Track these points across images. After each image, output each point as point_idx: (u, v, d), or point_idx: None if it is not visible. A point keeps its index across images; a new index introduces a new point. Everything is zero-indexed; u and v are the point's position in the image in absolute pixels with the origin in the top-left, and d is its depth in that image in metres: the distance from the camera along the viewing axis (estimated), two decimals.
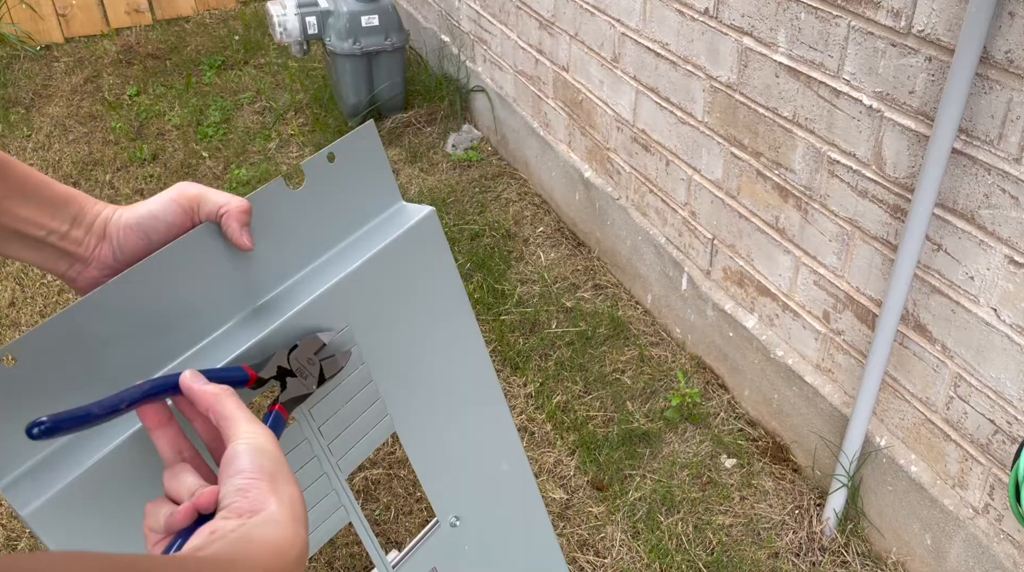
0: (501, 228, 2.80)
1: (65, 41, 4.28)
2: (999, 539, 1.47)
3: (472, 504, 1.06)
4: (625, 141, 2.35)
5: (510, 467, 1.10)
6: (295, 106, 3.61)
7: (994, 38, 1.24)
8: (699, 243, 2.13)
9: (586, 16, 2.36)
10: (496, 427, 1.07)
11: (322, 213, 0.82)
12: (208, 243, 0.73)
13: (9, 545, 1.85)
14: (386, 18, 3.23)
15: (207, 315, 0.74)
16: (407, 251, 0.88)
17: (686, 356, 2.26)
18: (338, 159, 0.81)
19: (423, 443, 0.98)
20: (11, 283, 2.67)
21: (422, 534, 1.02)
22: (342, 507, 0.88)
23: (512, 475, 1.11)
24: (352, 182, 0.84)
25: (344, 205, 0.84)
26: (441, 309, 0.94)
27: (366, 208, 0.87)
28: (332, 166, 0.81)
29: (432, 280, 0.93)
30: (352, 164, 0.83)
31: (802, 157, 1.69)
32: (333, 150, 0.80)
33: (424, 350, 0.94)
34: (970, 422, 1.48)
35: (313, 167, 0.80)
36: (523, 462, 1.12)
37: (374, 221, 0.88)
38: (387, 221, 0.88)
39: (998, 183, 1.30)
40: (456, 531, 1.04)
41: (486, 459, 1.07)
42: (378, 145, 0.85)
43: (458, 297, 0.96)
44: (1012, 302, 1.33)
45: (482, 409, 1.04)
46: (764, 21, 1.69)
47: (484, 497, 1.08)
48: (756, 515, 1.84)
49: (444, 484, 1.02)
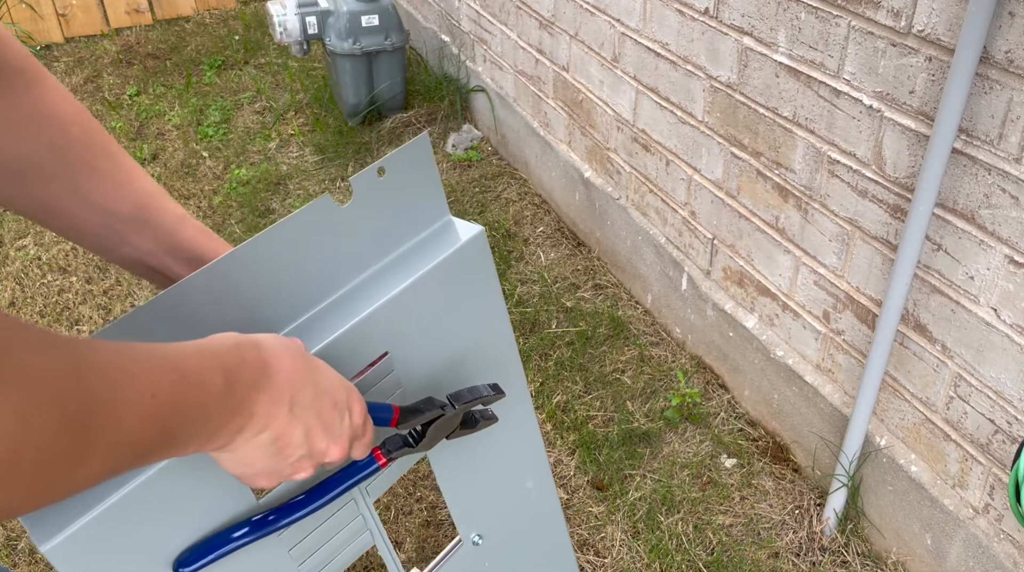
0: (501, 228, 2.80)
1: (65, 41, 4.28)
2: (999, 539, 1.47)
3: (495, 522, 1.04)
4: (625, 141, 2.35)
5: (535, 485, 1.08)
6: (295, 106, 3.61)
7: (994, 38, 1.24)
8: (699, 243, 2.13)
9: (586, 16, 2.36)
10: (525, 446, 1.05)
11: (370, 228, 0.79)
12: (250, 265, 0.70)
13: (9, 545, 1.85)
14: (386, 18, 3.23)
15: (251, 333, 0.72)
16: (455, 272, 0.85)
17: (686, 356, 2.26)
18: (389, 172, 0.78)
19: (453, 465, 0.95)
20: (11, 283, 2.67)
21: (444, 553, 0.99)
22: (367, 531, 0.87)
23: (536, 493, 1.09)
24: (402, 196, 0.80)
25: (393, 220, 0.81)
26: (483, 330, 0.91)
27: (415, 222, 0.83)
28: (381, 180, 0.78)
29: (476, 301, 0.89)
30: (403, 177, 0.79)
31: (802, 157, 1.69)
32: (384, 164, 0.77)
33: (463, 372, 0.91)
34: (970, 422, 1.48)
35: (362, 182, 0.76)
36: (548, 479, 1.09)
37: (421, 234, 0.84)
38: (434, 237, 0.85)
39: (998, 183, 1.30)
40: (478, 549, 1.02)
41: (512, 477, 1.05)
42: (429, 157, 0.81)
43: (501, 317, 0.93)
44: (1012, 302, 1.33)
45: (513, 429, 1.01)
46: (764, 21, 1.69)
47: (507, 515, 1.06)
48: (756, 515, 1.84)
49: (469, 504, 0.99)
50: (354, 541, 0.85)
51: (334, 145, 3.29)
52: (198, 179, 3.17)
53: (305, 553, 0.80)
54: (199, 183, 3.14)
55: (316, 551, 0.81)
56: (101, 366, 0.45)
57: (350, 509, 0.84)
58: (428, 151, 0.81)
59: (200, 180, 3.16)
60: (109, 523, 0.63)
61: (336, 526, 0.83)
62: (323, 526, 0.81)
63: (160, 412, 0.49)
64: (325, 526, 0.81)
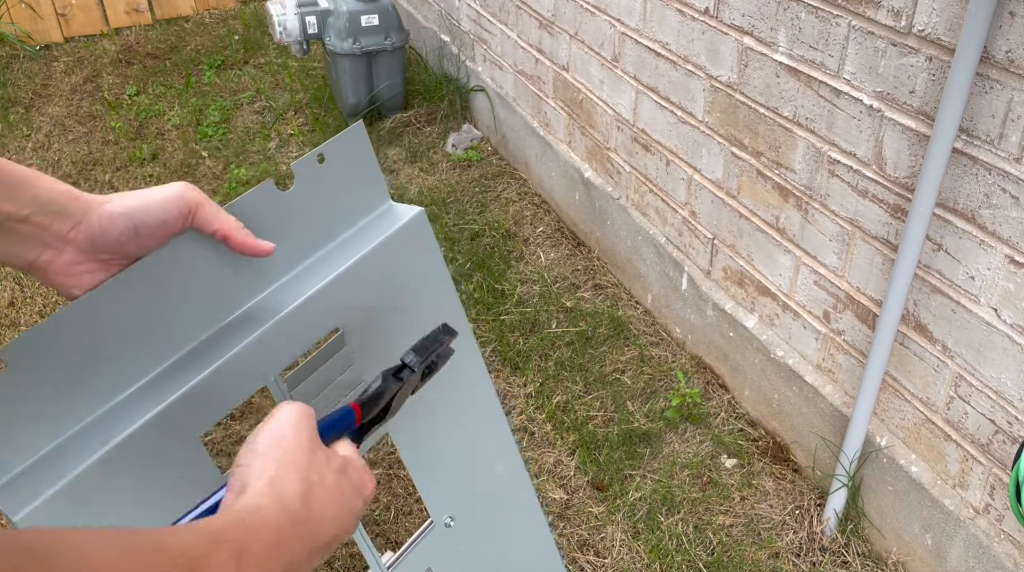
0: (501, 228, 2.79)
1: (65, 41, 4.28)
2: (1000, 539, 1.47)
3: (466, 505, 1.06)
4: (625, 141, 2.35)
5: (505, 469, 1.10)
6: (295, 106, 3.61)
7: (994, 38, 1.23)
8: (699, 243, 2.13)
9: (586, 16, 2.36)
10: (490, 429, 1.07)
11: (312, 214, 0.82)
12: (199, 247, 0.73)
13: None
14: (386, 18, 3.23)
15: (198, 318, 0.74)
16: (397, 251, 0.88)
17: (686, 356, 2.26)
18: (328, 160, 0.81)
19: (416, 444, 0.97)
20: (11, 283, 2.66)
21: (416, 535, 1.02)
22: None
23: (507, 477, 1.11)
24: (342, 182, 0.84)
25: (334, 206, 0.84)
26: (432, 310, 0.94)
27: (356, 208, 0.87)
28: (322, 167, 0.81)
29: (422, 280, 0.93)
30: (342, 164, 0.83)
31: (802, 157, 1.69)
32: (323, 151, 0.80)
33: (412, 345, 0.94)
34: (970, 422, 1.47)
35: (303, 168, 0.79)
36: (518, 464, 1.12)
37: (363, 221, 0.88)
38: (376, 221, 0.88)
39: (998, 183, 1.30)
40: (450, 532, 1.04)
41: (480, 461, 1.07)
42: (367, 145, 0.85)
43: (449, 298, 0.96)
44: (1012, 302, 1.33)
45: (476, 410, 1.04)
46: (764, 21, 1.69)
47: (478, 498, 1.08)
48: (756, 515, 1.84)
49: (438, 485, 1.02)
50: None
51: None
52: (198, 179, 3.17)
53: None
54: (199, 183, 3.14)
55: None
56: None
57: None
58: (365, 138, 0.85)
59: (200, 180, 3.16)
60: (78, 492, 0.65)
61: None
62: None
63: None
64: None
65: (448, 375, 0.98)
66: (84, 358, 0.67)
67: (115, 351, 0.69)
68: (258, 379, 0.78)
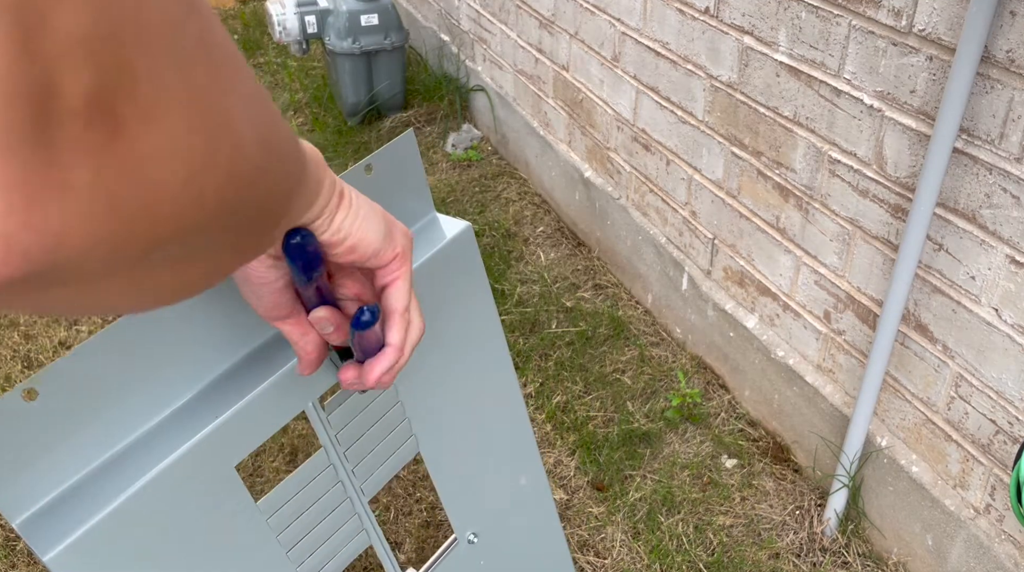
0: (501, 228, 2.79)
1: None
2: (1000, 539, 1.47)
3: (489, 520, 1.04)
4: (625, 140, 2.34)
5: (528, 481, 1.08)
6: (294, 105, 3.60)
7: (995, 37, 1.23)
8: (699, 243, 2.13)
9: (586, 15, 2.35)
10: (518, 443, 1.05)
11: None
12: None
13: (8, 545, 1.85)
14: (385, 17, 3.22)
15: (235, 340, 0.72)
16: (442, 268, 0.84)
17: (686, 356, 2.25)
18: (376, 170, 0.77)
19: (446, 463, 0.95)
20: None
21: (440, 552, 1.00)
22: (364, 531, 0.86)
23: (530, 489, 1.09)
24: (389, 193, 0.80)
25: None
26: (472, 327, 0.91)
27: (401, 220, 0.84)
28: (369, 178, 0.77)
29: (464, 298, 0.89)
30: (390, 174, 0.79)
31: (803, 157, 1.68)
32: (371, 161, 0.77)
33: (452, 370, 0.91)
34: (971, 422, 1.47)
35: (349, 180, 0.75)
36: (541, 475, 1.10)
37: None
38: (420, 234, 0.85)
39: (999, 183, 1.29)
40: (473, 548, 1.03)
41: (505, 474, 1.05)
42: (415, 154, 0.81)
43: (489, 315, 0.93)
44: (1013, 302, 1.33)
45: (505, 426, 1.01)
46: (765, 20, 1.68)
47: (501, 512, 1.06)
48: (757, 516, 1.84)
49: (464, 502, 0.99)
50: (351, 541, 0.85)
51: (333, 145, 3.28)
52: None
53: (303, 554, 0.80)
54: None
55: (314, 552, 0.81)
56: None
57: (346, 508, 0.84)
58: (414, 148, 0.81)
59: None
60: (112, 529, 0.62)
61: (332, 526, 0.83)
62: (320, 526, 0.81)
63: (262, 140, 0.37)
64: (322, 526, 0.81)
65: (481, 393, 0.96)
66: (112, 389, 0.64)
67: (151, 374, 0.66)
68: (296, 404, 0.75)
